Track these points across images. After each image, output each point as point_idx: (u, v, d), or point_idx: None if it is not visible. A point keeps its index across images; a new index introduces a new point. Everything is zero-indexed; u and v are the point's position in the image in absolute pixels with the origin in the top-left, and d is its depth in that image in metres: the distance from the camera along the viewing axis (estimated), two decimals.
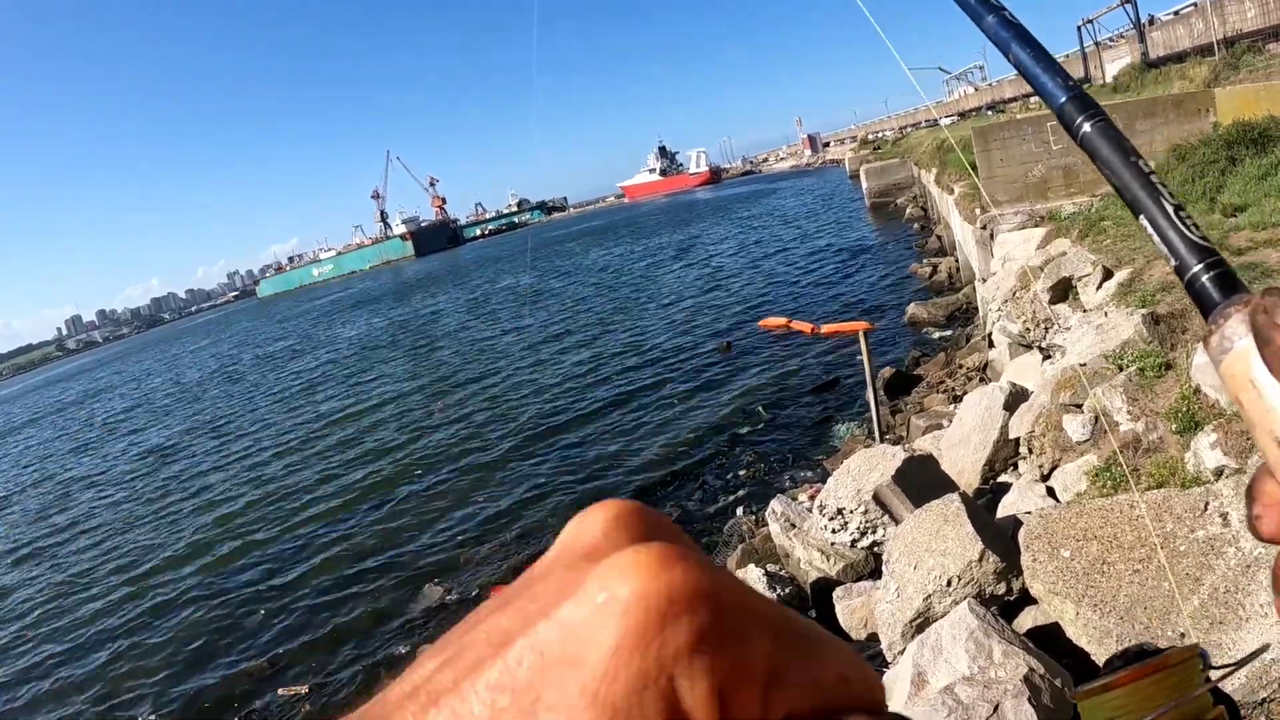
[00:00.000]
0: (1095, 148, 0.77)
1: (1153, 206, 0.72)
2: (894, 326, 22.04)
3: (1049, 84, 0.81)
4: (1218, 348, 0.64)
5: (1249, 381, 0.61)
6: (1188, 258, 0.70)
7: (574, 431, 19.94)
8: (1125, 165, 0.75)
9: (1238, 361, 0.62)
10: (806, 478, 13.47)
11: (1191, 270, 0.69)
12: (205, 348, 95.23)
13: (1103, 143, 0.76)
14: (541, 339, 34.77)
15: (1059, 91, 0.80)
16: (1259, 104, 15.70)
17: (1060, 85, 0.80)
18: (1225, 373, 0.63)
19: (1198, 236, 0.70)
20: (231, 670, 12.45)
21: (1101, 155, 0.76)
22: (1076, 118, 0.78)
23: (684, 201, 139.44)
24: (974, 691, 4.94)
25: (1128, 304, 9.54)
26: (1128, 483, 6.21)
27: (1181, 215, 0.71)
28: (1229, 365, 0.63)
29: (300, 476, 22.49)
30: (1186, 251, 0.70)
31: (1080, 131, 0.78)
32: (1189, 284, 0.69)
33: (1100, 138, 0.77)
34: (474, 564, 13.68)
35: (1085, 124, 0.77)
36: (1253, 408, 0.61)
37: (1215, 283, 0.68)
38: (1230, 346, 0.63)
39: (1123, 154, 0.75)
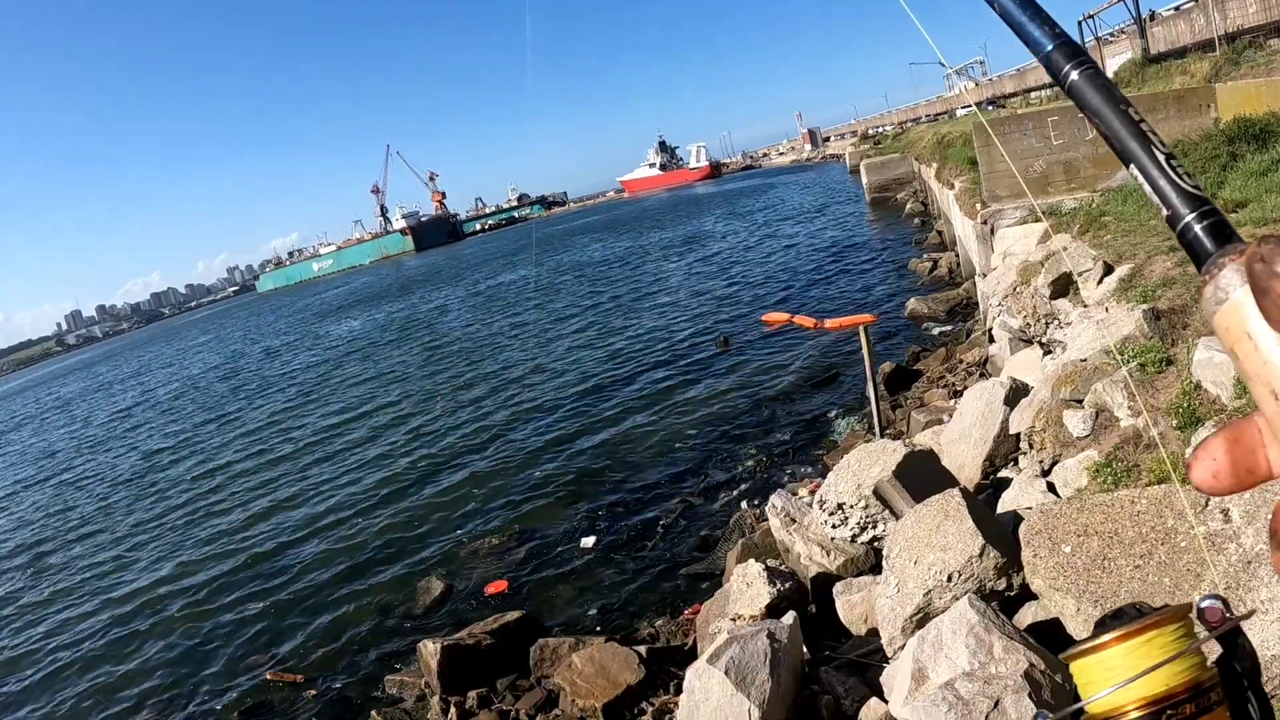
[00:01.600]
0: (1083, 96, 0.76)
1: (1143, 155, 0.71)
2: (894, 321, 22.02)
3: (1035, 31, 0.79)
4: (1212, 298, 0.63)
5: (1245, 334, 0.60)
6: (1180, 207, 0.69)
7: (574, 427, 19.93)
8: (1115, 114, 0.74)
9: (1233, 313, 0.61)
10: (807, 473, 13.48)
11: (1184, 219, 0.68)
12: (206, 344, 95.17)
13: (1091, 91, 0.75)
14: (541, 335, 34.75)
15: (1045, 39, 0.79)
16: (1260, 100, 15.66)
17: (1047, 34, 0.79)
18: (1220, 324, 0.62)
19: (1190, 185, 0.69)
20: (232, 661, 12.47)
21: (1090, 104, 0.75)
22: (1064, 65, 0.77)
23: (684, 196, 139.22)
24: (974, 687, 4.94)
25: (1128, 299, 9.52)
26: (1128, 478, 6.21)
27: (1173, 164, 0.71)
28: (1224, 317, 0.62)
29: (301, 471, 22.51)
30: (1179, 200, 0.69)
31: (1068, 80, 0.76)
32: (1181, 233, 0.68)
33: (1088, 85, 0.75)
34: (475, 558, 13.68)
35: (1073, 72, 0.76)
36: (1249, 360, 0.61)
37: (1209, 232, 0.67)
38: (1225, 297, 0.62)
39: (1112, 102, 0.74)
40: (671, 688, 8.20)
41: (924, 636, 5.66)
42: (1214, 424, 5.93)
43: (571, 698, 8.52)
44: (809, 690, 6.92)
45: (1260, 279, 0.59)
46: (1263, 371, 0.60)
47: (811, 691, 6.89)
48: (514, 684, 9.42)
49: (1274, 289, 0.58)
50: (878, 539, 8.39)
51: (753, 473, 14.42)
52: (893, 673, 5.98)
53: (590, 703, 8.31)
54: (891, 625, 6.43)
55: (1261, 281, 0.59)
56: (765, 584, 8.18)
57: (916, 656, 5.53)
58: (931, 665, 5.39)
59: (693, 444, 16.69)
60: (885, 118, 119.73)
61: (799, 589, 8.42)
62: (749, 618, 7.85)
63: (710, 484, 14.47)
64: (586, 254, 72.43)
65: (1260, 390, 0.60)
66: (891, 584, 6.63)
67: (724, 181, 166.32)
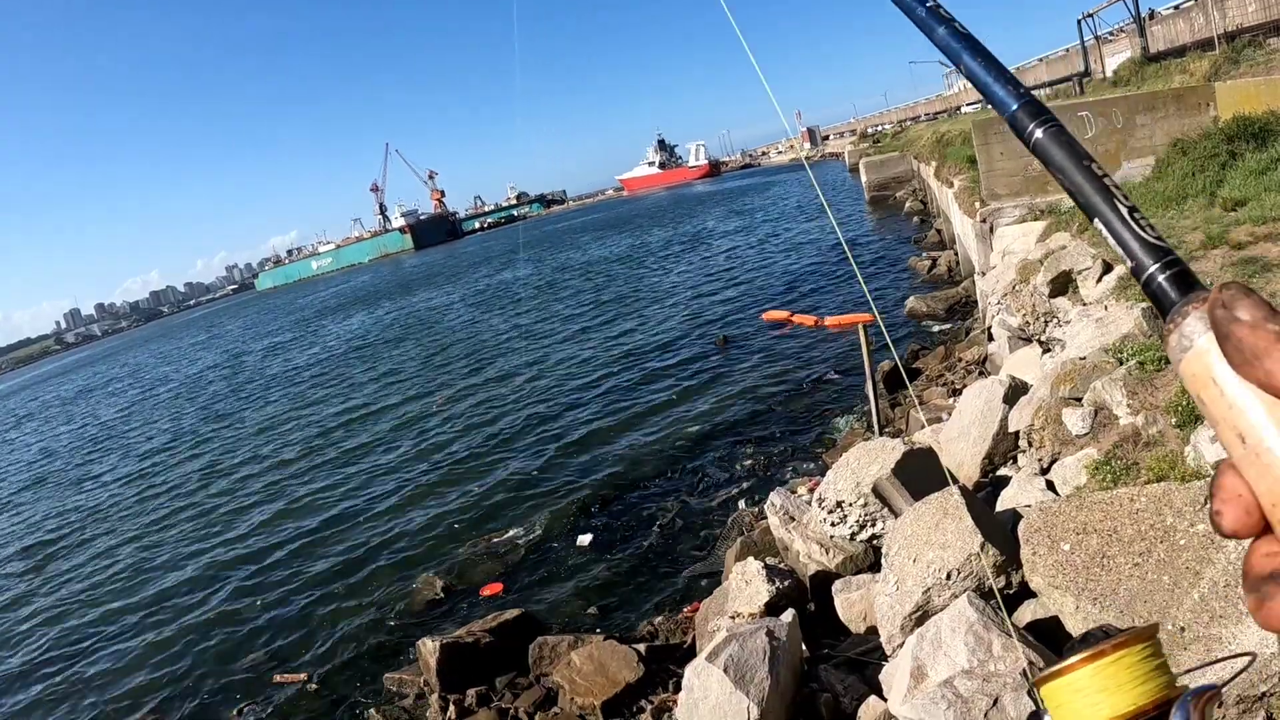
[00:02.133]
0: (1048, 153, 0.78)
1: (1107, 209, 0.73)
2: (894, 320, 22.01)
3: (1000, 92, 0.82)
4: (1177, 346, 0.65)
5: (1210, 379, 0.62)
6: (1143, 258, 0.70)
7: (573, 425, 19.93)
8: (1078, 169, 0.76)
9: (1197, 360, 0.63)
10: (806, 470, 13.48)
11: (1148, 270, 0.70)
12: (205, 343, 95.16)
13: (1055, 148, 0.77)
14: (539, 334, 34.76)
15: (1010, 99, 0.81)
16: (1259, 99, 15.66)
17: (1011, 93, 0.81)
18: (1185, 371, 0.64)
19: (1153, 237, 0.71)
20: (233, 659, 12.47)
21: (1054, 161, 0.77)
22: (1029, 124, 0.79)
23: (683, 195, 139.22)
24: (973, 684, 4.94)
25: (1127, 298, 9.53)
26: (1127, 476, 6.21)
27: (1136, 216, 0.72)
28: (1189, 364, 0.64)
29: (300, 470, 22.51)
30: (1142, 252, 0.71)
31: (1033, 138, 0.79)
32: (1146, 284, 0.70)
33: (1052, 143, 0.78)
34: (474, 556, 13.68)
35: (1037, 130, 0.79)
36: (1215, 404, 0.62)
37: (1172, 281, 0.69)
38: (1190, 344, 0.64)
39: (1075, 158, 0.76)
40: (670, 686, 8.20)
41: (923, 634, 5.66)
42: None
43: (570, 696, 8.52)
44: (808, 688, 6.92)
45: (1222, 325, 0.61)
46: (1228, 416, 0.61)
47: (810, 689, 6.89)
48: (513, 682, 9.42)
49: (1235, 334, 0.60)
50: (877, 537, 8.40)
51: (752, 471, 14.42)
52: (892, 670, 5.98)
53: (589, 700, 8.31)
54: (890, 623, 6.43)
55: (1223, 327, 0.61)
56: (764, 582, 8.18)
57: (915, 654, 5.53)
58: (930, 663, 5.39)
59: (691, 442, 16.69)
60: (884, 116, 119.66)
61: (798, 587, 8.42)
62: (748, 615, 7.85)
63: (709, 482, 14.47)
64: (585, 253, 72.42)
65: (1227, 434, 0.62)
66: (890, 582, 6.63)
67: (723, 180, 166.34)
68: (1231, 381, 0.60)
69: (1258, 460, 0.60)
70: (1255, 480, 0.61)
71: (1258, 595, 0.61)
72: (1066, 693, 0.91)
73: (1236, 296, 0.61)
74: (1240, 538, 0.62)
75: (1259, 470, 0.60)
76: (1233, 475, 0.62)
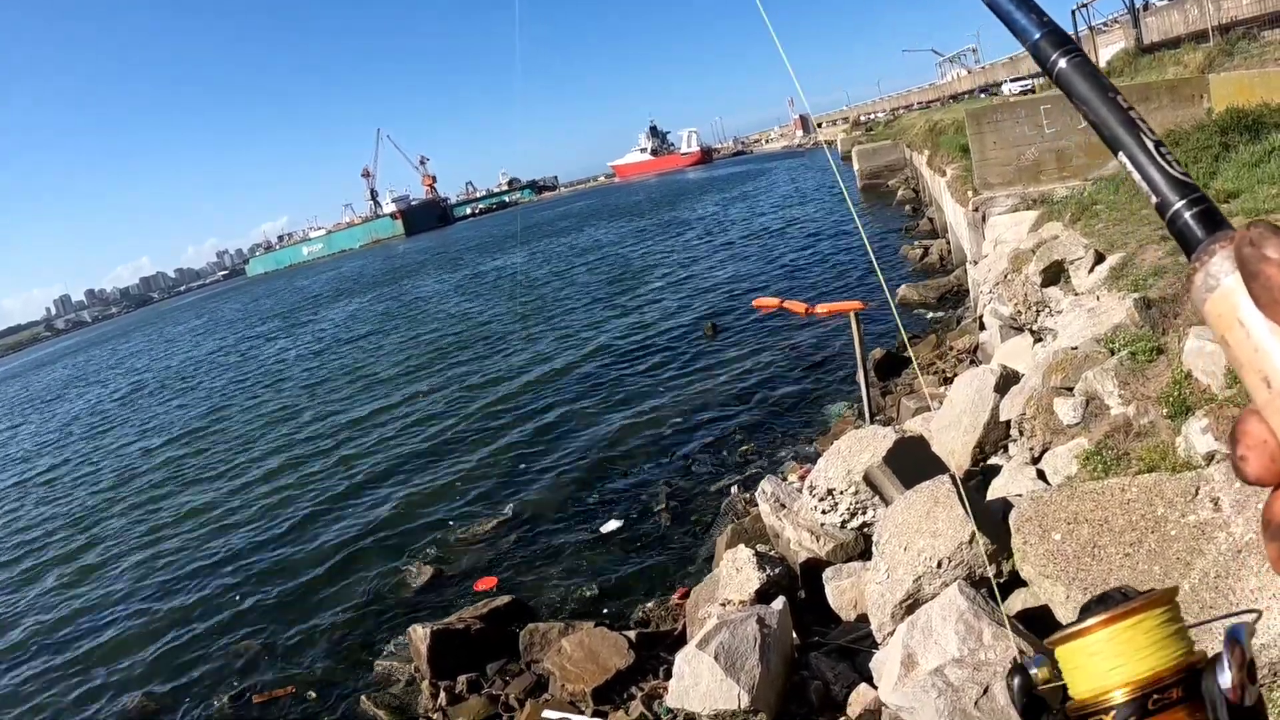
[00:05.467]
0: (1071, 84, 0.75)
1: (1132, 143, 0.71)
2: (885, 308, 22.02)
3: (1021, 19, 0.79)
4: (1202, 285, 0.62)
5: (1236, 320, 0.60)
6: (1169, 194, 0.68)
7: (561, 412, 19.92)
8: (1103, 101, 0.73)
9: (1224, 300, 0.61)
10: (797, 457, 13.50)
11: (1174, 207, 0.67)
12: (195, 329, 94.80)
13: (1079, 78, 0.74)
14: (529, 321, 34.67)
15: (1033, 28, 0.78)
16: (1253, 91, 15.68)
17: (1034, 21, 0.78)
18: (1210, 311, 0.62)
19: (1179, 172, 0.69)
20: (221, 649, 12.44)
21: (1078, 91, 0.74)
22: (1051, 54, 0.76)
23: (675, 181, 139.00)
24: (964, 673, 4.96)
25: (1120, 288, 9.53)
26: (1119, 466, 6.22)
27: (1162, 151, 0.70)
28: (1214, 304, 0.61)
29: (287, 457, 22.46)
30: (1168, 188, 0.68)
31: (1055, 68, 0.76)
32: (1171, 221, 0.67)
33: (1076, 73, 0.75)
34: (465, 543, 13.67)
35: (1060, 60, 0.76)
36: (1240, 347, 0.60)
37: (1198, 219, 0.66)
38: (1216, 284, 0.61)
39: (1100, 90, 0.73)
40: (661, 672, 8.22)
41: (914, 623, 5.67)
42: (1204, 413, 5.94)
43: (561, 682, 8.53)
44: (798, 675, 6.94)
45: (1250, 263, 0.59)
46: (1254, 359, 0.59)
47: (801, 677, 6.92)
48: (504, 668, 9.43)
49: (1264, 273, 0.58)
50: (867, 525, 8.41)
51: (742, 458, 14.44)
52: (882, 658, 6.00)
53: (580, 687, 8.33)
54: (881, 611, 6.45)
55: (1251, 265, 0.58)
56: (755, 569, 8.19)
57: (906, 642, 5.54)
58: (921, 651, 5.40)
59: (682, 430, 16.69)
60: (877, 104, 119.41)
61: (789, 574, 8.44)
62: (739, 603, 7.86)
63: (699, 469, 14.48)
64: (575, 239, 72.24)
65: (1252, 378, 0.60)
66: (881, 570, 6.64)
67: (715, 167, 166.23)
68: (1258, 323, 0.58)
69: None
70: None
71: (1278, 544, 0.60)
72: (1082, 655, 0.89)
73: (1266, 234, 0.58)
74: (1264, 484, 0.61)
75: None
76: (1256, 421, 0.60)
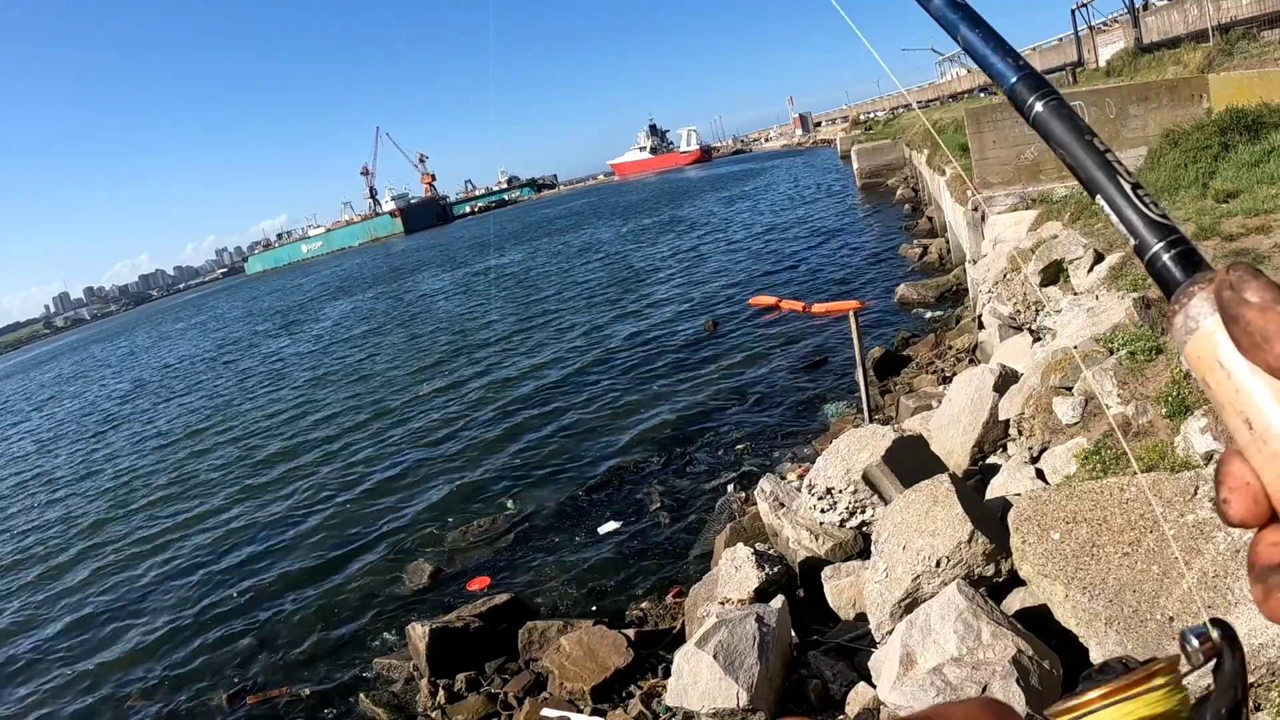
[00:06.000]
0: (1048, 127, 0.76)
1: (1109, 185, 0.71)
2: (884, 307, 22.03)
3: (999, 64, 0.81)
4: (1182, 328, 0.63)
5: (1216, 363, 0.60)
6: (1147, 236, 0.69)
7: (561, 411, 19.89)
8: (1079, 144, 0.74)
9: (1204, 342, 0.61)
10: (796, 457, 13.49)
11: (1152, 249, 0.68)
12: (194, 327, 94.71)
13: (1056, 122, 0.76)
14: (528, 319, 34.65)
15: (1009, 72, 0.80)
16: (1253, 91, 15.68)
17: (1010, 65, 0.80)
18: (1191, 354, 0.62)
19: (1157, 214, 0.69)
20: (220, 650, 12.42)
21: (1055, 135, 0.75)
22: (1028, 97, 0.78)
23: (674, 180, 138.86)
24: (962, 672, 4.96)
25: (1119, 287, 9.54)
26: (1117, 466, 6.23)
27: (1140, 193, 0.70)
28: (1195, 346, 0.62)
29: (285, 456, 22.43)
30: (1146, 230, 0.69)
31: (1032, 111, 0.77)
32: (1150, 263, 0.68)
33: (1053, 117, 0.76)
34: (463, 541, 13.66)
35: (1037, 103, 0.77)
36: (1221, 389, 0.60)
37: (1177, 261, 0.67)
38: (1196, 326, 0.62)
39: (1076, 132, 0.74)
40: (660, 671, 8.22)
41: (912, 622, 5.68)
42: (1202, 413, 5.95)
43: (560, 680, 8.53)
44: (797, 674, 6.95)
45: (1230, 306, 0.59)
46: (1235, 400, 0.60)
47: (800, 675, 6.92)
48: (503, 667, 9.43)
49: (1243, 316, 0.58)
50: (866, 524, 8.41)
51: (741, 456, 14.43)
52: (881, 657, 6.00)
53: (579, 685, 8.33)
54: (880, 610, 6.46)
55: (1231, 309, 0.59)
56: (754, 568, 8.19)
57: (905, 641, 5.55)
58: (920, 650, 5.41)
59: (681, 427, 16.68)
60: (877, 103, 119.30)
61: (788, 573, 8.44)
62: (737, 601, 7.86)
63: (699, 468, 14.47)
64: (574, 238, 72.16)
65: (1234, 420, 0.60)
66: (880, 569, 6.65)
67: (715, 165, 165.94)
68: (1239, 365, 0.59)
69: (1265, 447, 0.58)
70: (1262, 467, 0.59)
71: (1264, 586, 0.60)
72: None
73: (1245, 278, 0.59)
74: (1248, 526, 0.61)
75: (1266, 457, 0.59)
76: (1239, 462, 0.60)
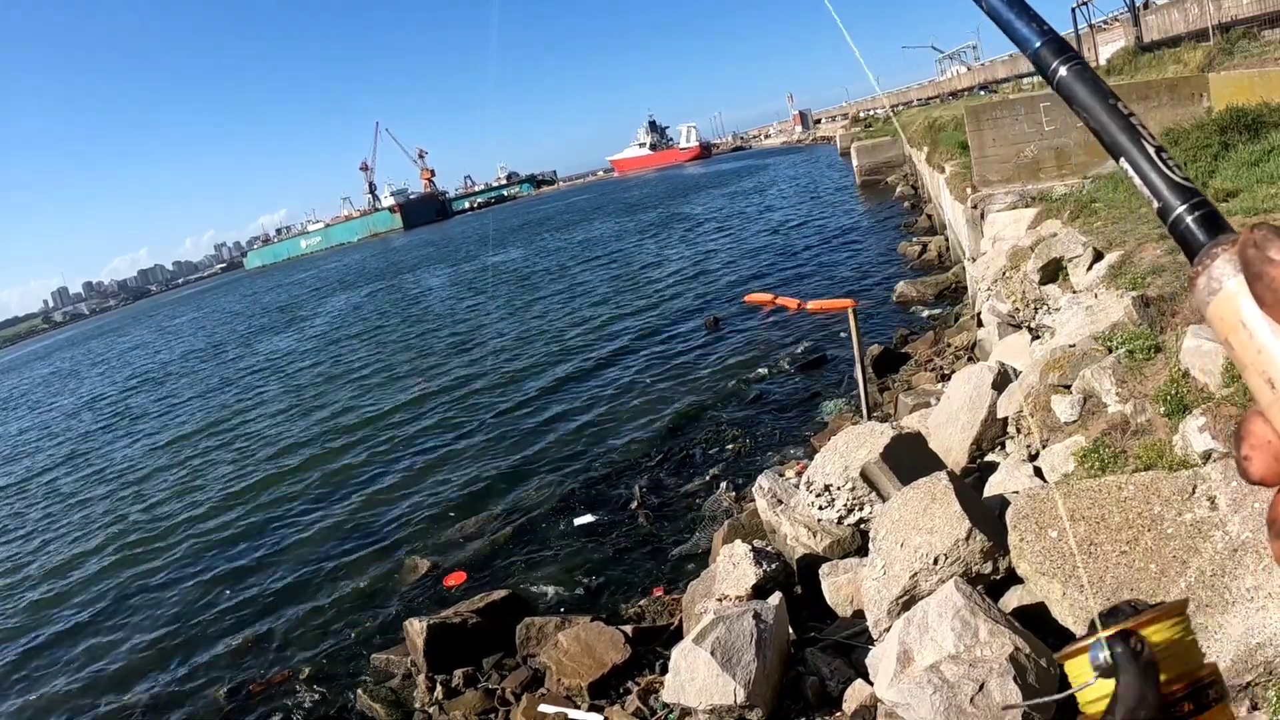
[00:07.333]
0: (1072, 91, 0.76)
1: (1133, 149, 0.72)
2: (883, 304, 22.03)
3: (1022, 29, 0.81)
4: (1205, 289, 0.63)
5: (1239, 323, 0.61)
6: (1170, 199, 0.69)
7: (558, 406, 19.90)
8: (1104, 108, 0.74)
9: (1227, 302, 0.62)
10: (794, 454, 13.49)
11: (1175, 211, 0.69)
12: (190, 323, 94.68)
13: (1079, 86, 0.76)
14: (528, 315, 34.64)
15: (1033, 36, 0.80)
16: (1253, 90, 15.67)
17: (1034, 30, 0.80)
18: (1214, 314, 0.63)
19: (1180, 177, 0.70)
20: (218, 645, 12.43)
21: (1079, 99, 0.76)
22: (1052, 62, 0.78)
23: (674, 176, 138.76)
24: (960, 670, 4.96)
25: (1118, 286, 9.54)
26: (1115, 464, 6.23)
27: (1163, 156, 0.71)
28: (1218, 307, 0.62)
29: (284, 456, 22.41)
30: (1169, 192, 0.69)
31: (1056, 75, 0.78)
32: (1173, 225, 0.69)
33: (1077, 80, 0.76)
34: (461, 537, 13.67)
35: (1061, 68, 0.77)
36: (1243, 349, 0.61)
37: (1200, 223, 0.67)
38: (1219, 287, 0.62)
39: (1100, 96, 0.75)
40: (657, 667, 8.23)
41: (910, 619, 5.68)
42: (1201, 411, 5.95)
43: (557, 677, 8.54)
44: (795, 671, 6.95)
45: (1254, 264, 0.59)
46: (1258, 360, 0.60)
47: (797, 672, 6.93)
48: (500, 663, 9.44)
49: (1267, 274, 0.58)
50: (864, 521, 8.42)
51: (739, 453, 14.43)
52: (878, 655, 6.00)
53: (576, 682, 8.33)
54: (877, 607, 6.46)
55: (1255, 267, 0.59)
56: (752, 565, 8.19)
57: (902, 639, 5.55)
58: (917, 648, 5.41)
59: (679, 424, 16.68)
60: (876, 101, 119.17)
61: (785, 570, 8.44)
62: (735, 598, 7.87)
63: (697, 464, 14.47)
64: (573, 234, 72.13)
65: (1255, 379, 0.60)
66: (878, 566, 6.65)
67: (714, 162, 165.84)
68: (1262, 325, 0.59)
69: None
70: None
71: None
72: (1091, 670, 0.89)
73: (1269, 237, 0.59)
74: (1268, 485, 0.61)
75: None
76: (1260, 421, 0.61)
